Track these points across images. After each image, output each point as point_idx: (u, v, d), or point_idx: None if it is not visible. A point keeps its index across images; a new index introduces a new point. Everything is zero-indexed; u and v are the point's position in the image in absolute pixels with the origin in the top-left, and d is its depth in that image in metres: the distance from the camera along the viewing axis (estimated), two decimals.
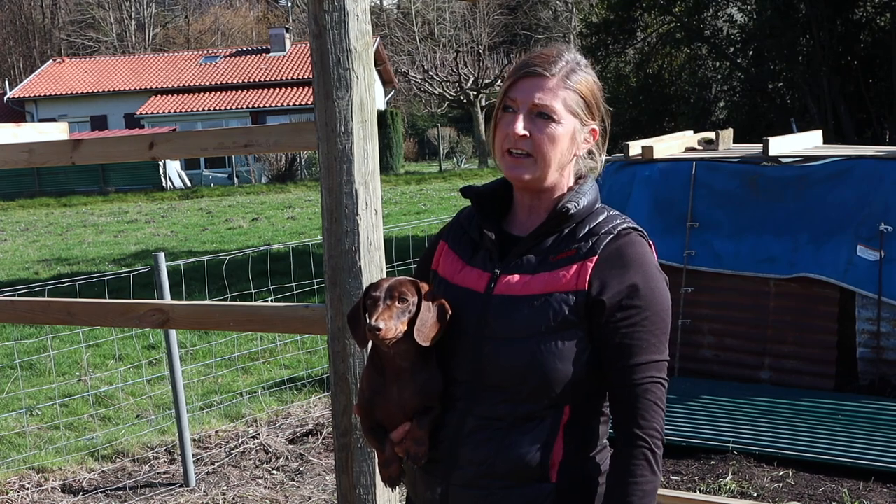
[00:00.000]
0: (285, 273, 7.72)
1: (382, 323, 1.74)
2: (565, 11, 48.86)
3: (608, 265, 1.77)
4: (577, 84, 1.83)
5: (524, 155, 1.80)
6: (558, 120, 1.80)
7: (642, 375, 1.75)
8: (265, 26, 52.15)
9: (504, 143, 1.82)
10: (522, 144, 1.80)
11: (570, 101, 1.81)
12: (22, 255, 15.69)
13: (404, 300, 1.78)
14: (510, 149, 1.81)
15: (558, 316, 1.75)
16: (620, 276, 1.76)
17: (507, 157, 1.83)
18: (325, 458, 5.50)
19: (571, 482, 1.80)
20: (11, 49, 54.14)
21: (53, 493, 5.20)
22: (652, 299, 1.77)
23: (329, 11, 2.24)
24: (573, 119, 1.83)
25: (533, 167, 1.81)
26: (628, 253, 1.79)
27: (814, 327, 5.97)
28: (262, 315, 2.65)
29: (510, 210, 1.94)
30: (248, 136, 2.54)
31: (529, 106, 1.80)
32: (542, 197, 1.87)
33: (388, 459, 1.87)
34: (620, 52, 19.56)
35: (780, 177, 6.19)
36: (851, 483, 4.71)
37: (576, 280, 1.77)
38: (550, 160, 1.81)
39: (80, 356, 7.75)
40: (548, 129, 1.80)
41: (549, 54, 1.84)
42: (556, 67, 1.81)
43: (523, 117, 1.80)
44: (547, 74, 1.80)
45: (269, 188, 27.85)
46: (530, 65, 1.82)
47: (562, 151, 1.82)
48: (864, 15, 15.48)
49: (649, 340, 1.76)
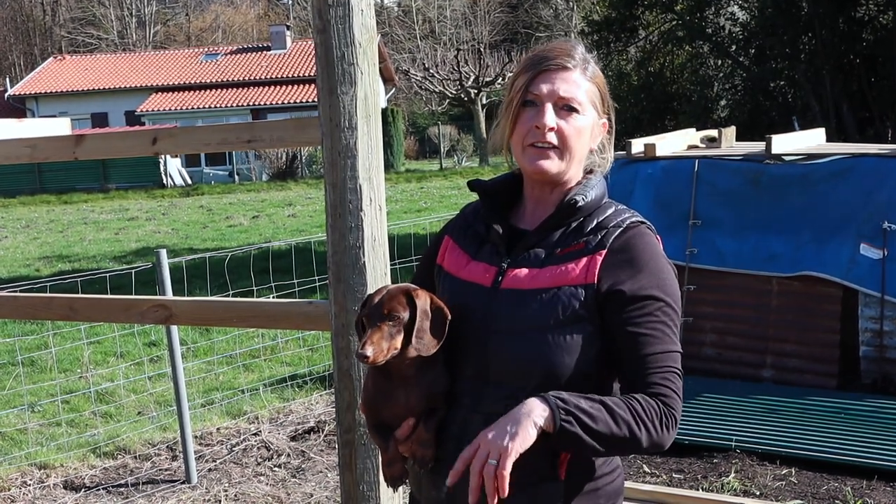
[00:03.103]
0: (286, 270, 7.71)
1: (370, 349, 1.71)
2: (566, 9, 48.83)
3: (617, 258, 1.76)
4: (594, 77, 1.84)
5: (550, 147, 1.80)
6: (582, 112, 1.81)
7: (659, 365, 1.74)
8: (266, 24, 52.13)
9: (528, 137, 1.81)
10: (550, 137, 1.79)
11: (590, 93, 1.83)
12: (23, 252, 15.68)
13: (395, 317, 1.75)
14: (535, 142, 1.80)
15: (567, 310, 1.74)
16: (631, 268, 1.76)
17: (531, 150, 1.81)
18: (326, 455, 5.50)
19: (580, 480, 1.79)
20: (12, 46, 54.13)
21: (55, 490, 5.19)
22: (664, 290, 1.76)
23: (333, 6, 2.23)
24: (593, 111, 1.84)
25: (559, 160, 1.81)
26: (637, 245, 1.78)
27: (816, 326, 5.95)
28: (265, 311, 2.64)
29: (517, 204, 1.93)
30: (252, 132, 2.53)
31: (556, 99, 1.79)
32: (552, 191, 1.86)
33: (392, 458, 1.85)
34: (622, 50, 19.56)
35: (782, 175, 6.17)
36: (854, 481, 4.70)
37: (585, 274, 1.76)
38: (576, 152, 1.82)
39: (81, 353, 7.74)
40: (575, 121, 1.80)
41: (564, 48, 1.84)
42: (576, 60, 1.82)
43: (551, 110, 1.79)
44: (570, 67, 1.81)
45: (270, 186, 27.83)
46: (550, 58, 1.82)
47: (584, 143, 1.83)
48: (867, 13, 15.47)
49: (664, 331, 1.74)
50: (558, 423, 1.62)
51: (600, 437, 1.64)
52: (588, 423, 1.63)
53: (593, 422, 1.64)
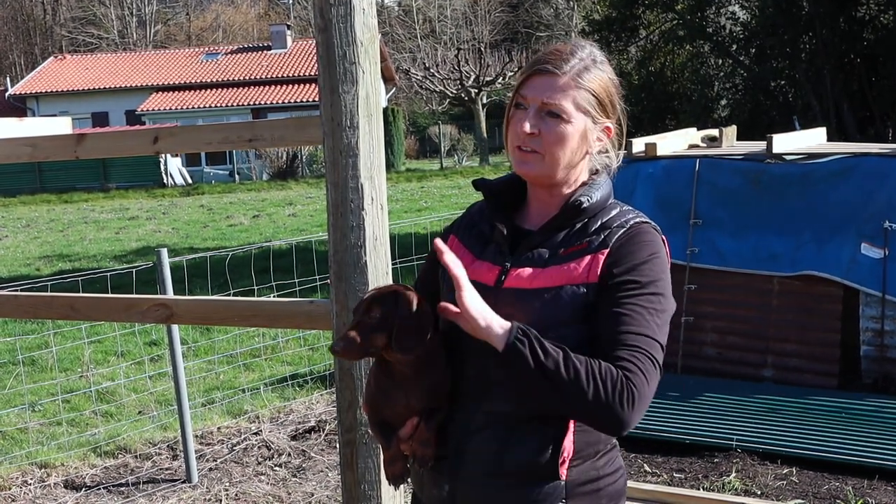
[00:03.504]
0: (287, 270, 7.71)
1: (341, 344, 1.75)
2: (567, 9, 48.84)
3: (618, 254, 1.76)
4: (590, 82, 1.81)
5: (532, 151, 1.80)
6: (567, 119, 1.79)
7: (631, 343, 1.68)
8: (266, 23, 52.11)
9: (514, 139, 1.82)
10: (531, 142, 1.79)
11: (580, 100, 1.80)
12: (23, 252, 15.68)
13: (373, 316, 1.76)
14: (519, 145, 1.81)
15: (568, 309, 1.74)
16: (627, 256, 1.75)
17: (517, 153, 1.82)
18: (327, 454, 5.50)
19: (581, 480, 1.79)
20: (12, 45, 54.14)
21: (56, 489, 5.19)
22: (652, 279, 1.74)
23: (335, 5, 2.22)
24: (584, 117, 1.81)
25: (540, 164, 1.80)
26: (638, 240, 1.78)
27: (817, 325, 5.95)
28: (266, 310, 2.64)
29: (523, 204, 1.93)
30: (253, 131, 2.52)
31: (539, 104, 1.79)
32: (553, 192, 1.86)
33: (394, 457, 1.86)
34: (622, 50, 19.56)
35: (783, 174, 6.17)
36: (855, 481, 4.70)
37: (587, 273, 1.76)
38: (558, 159, 1.80)
39: (81, 352, 7.74)
40: (557, 128, 1.79)
41: (562, 51, 1.82)
42: (569, 65, 1.80)
43: (532, 115, 1.79)
44: (557, 73, 1.79)
45: (270, 185, 27.84)
46: (542, 62, 1.81)
47: (571, 150, 1.81)
48: (868, 12, 15.47)
49: (644, 316, 1.70)
50: (511, 338, 1.65)
51: (546, 371, 1.63)
52: (539, 352, 1.64)
53: (545, 355, 1.64)
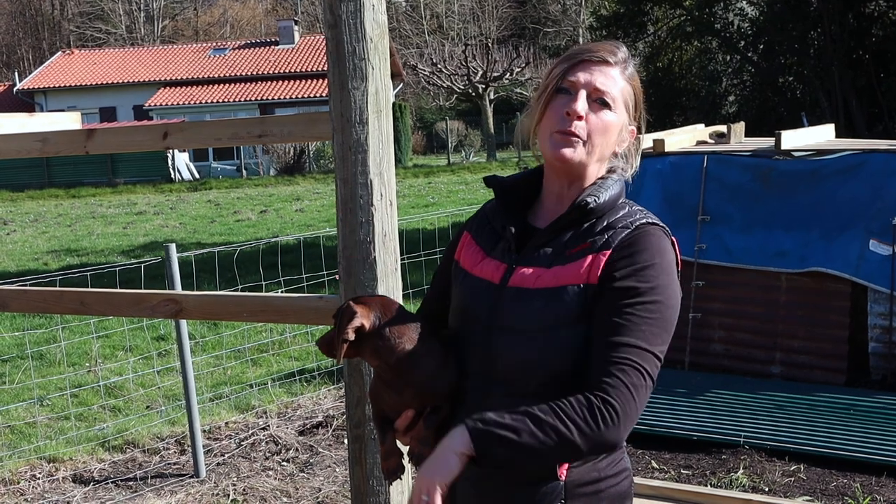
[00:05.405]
0: (295, 265, 7.72)
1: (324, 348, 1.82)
2: (574, 4, 48.75)
3: (620, 255, 1.73)
4: (632, 79, 1.83)
5: (575, 136, 1.78)
6: (614, 109, 1.79)
7: (622, 355, 1.65)
8: (274, 18, 52.09)
9: (557, 123, 1.79)
10: (577, 127, 1.77)
11: (626, 94, 1.81)
12: (31, 246, 15.72)
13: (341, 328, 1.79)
14: (562, 129, 1.78)
15: (569, 309, 1.72)
16: (628, 259, 1.72)
17: (557, 136, 1.79)
18: (334, 449, 5.51)
19: (581, 481, 1.77)
20: (21, 41, 54.24)
21: (64, 483, 5.21)
22: (654, 287, 1.70)
23: (345, 1, 2.22)
24: (625, 112, 1.82)
25: (581, 150, 1.78)
26: (642, 242, 1.74)
27: (825, 322, 5.94)
28: (275, 306, 2.65)
29: (536, 202, 1.91)
30: (262, 127, 2.53)
31: (591, 90, 1.78)
32: (570, 185, 1.84)
33: (388, 451, 1.86)
34: (630, 46, 19.51)
35: (792, 171, 6.16)
36: (863, 478, 4.69)
37: (588, 273, 1.73)
38: (596, 148, 1.79)
39: (90, 347, 7.77)
40: (604, 116, 1.79)
41: (608, 45, 1.84)
42: (618, 57, 1.81)
43: (583, 99, 1.78)
44: (611, 61, 1.80)
45: (278, 180, 27.86)
46: (593, 51, 1.81)
47: (608, 142, 1.81)
48: (877, 9, 15.41)
49: (640, 326, 1.67)
50: (479, 448, 1.62)
51: (529, 449, 1.61)
52: (512, 438, 1.61)
53: (517, 435, 1.61)
